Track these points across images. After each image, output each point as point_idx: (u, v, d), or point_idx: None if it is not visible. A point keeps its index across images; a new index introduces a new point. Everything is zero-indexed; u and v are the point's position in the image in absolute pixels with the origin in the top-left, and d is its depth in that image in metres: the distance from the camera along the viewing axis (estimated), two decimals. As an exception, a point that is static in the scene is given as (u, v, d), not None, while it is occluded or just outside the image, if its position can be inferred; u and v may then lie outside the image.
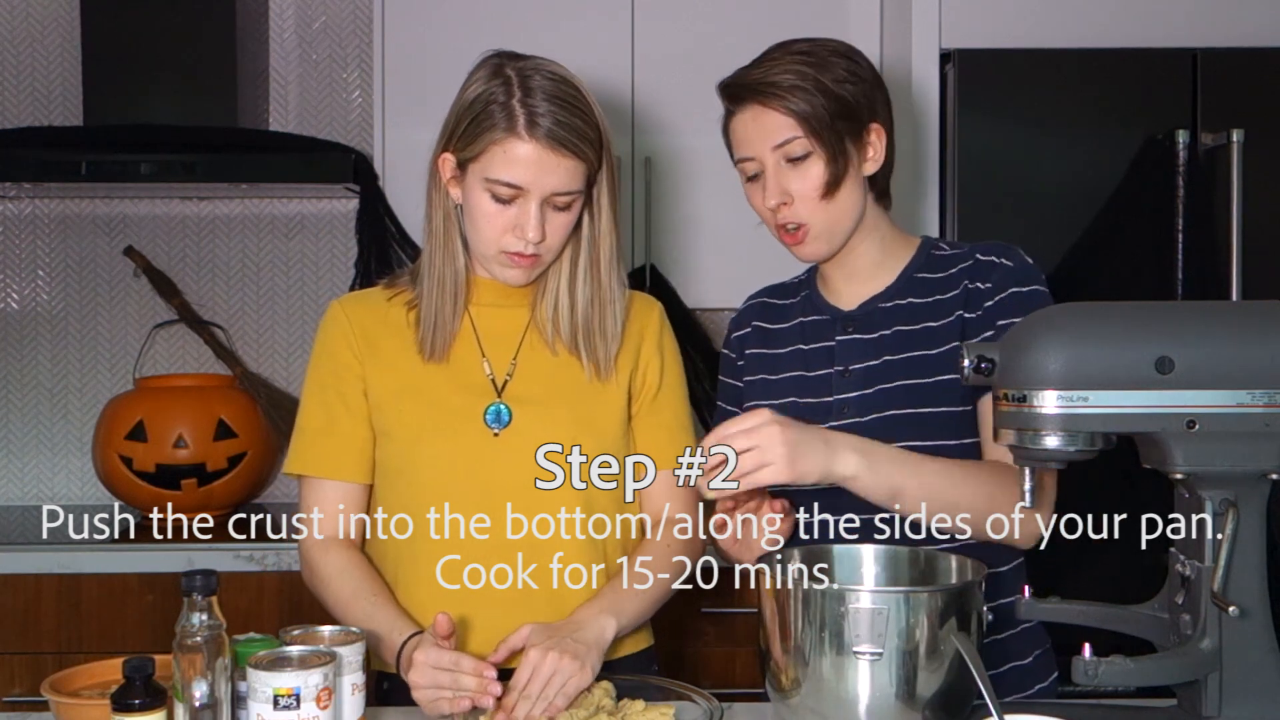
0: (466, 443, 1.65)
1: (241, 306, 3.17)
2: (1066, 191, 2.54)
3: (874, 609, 1.26)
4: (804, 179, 1.59)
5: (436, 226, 1.67)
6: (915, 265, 1.68)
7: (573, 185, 1.59)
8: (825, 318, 1.70)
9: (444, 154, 1.63)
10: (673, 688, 1.52)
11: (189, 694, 1.27)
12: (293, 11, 3.15)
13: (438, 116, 1.66)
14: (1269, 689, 1.29)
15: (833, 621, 1.27)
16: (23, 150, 2.78)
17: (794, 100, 1.57)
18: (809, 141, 1.58)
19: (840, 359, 1.66)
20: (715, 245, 2.83)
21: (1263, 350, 1.27)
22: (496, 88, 1.57)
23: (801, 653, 1.30)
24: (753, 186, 1.65)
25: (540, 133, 1.55)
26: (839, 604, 1.27)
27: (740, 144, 1.64)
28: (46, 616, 2.56)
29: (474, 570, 1.63)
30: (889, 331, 1.64)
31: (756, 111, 1.60)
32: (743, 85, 1.61)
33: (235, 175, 2.77)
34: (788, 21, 2.78)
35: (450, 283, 1.66)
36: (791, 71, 1.58)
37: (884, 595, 1.28)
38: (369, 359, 1.68)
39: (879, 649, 1.26)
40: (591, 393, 1.69)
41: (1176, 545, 1.35)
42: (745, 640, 2.61)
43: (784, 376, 1.71)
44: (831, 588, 1.30)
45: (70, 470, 3.14)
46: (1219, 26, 2.61)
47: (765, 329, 1.77)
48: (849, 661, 1.27)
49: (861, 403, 1.62)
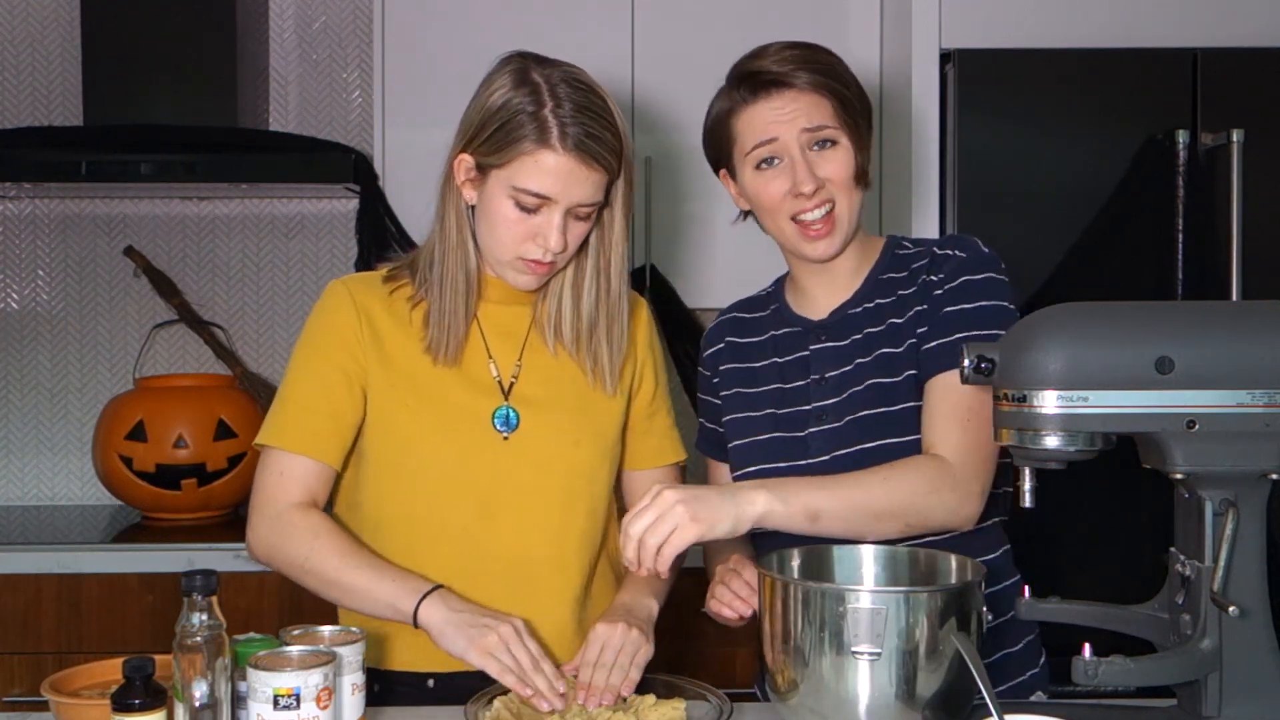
0: (475, 446, 1.64)
1: (241, 306, 3.17)
2: (1066, 191, 2.54)
3: (873, 609, 1.26)
4: (834, 163, 1.59)
5: (449, 227, 1.64)
6: (880, 267, 1.68)
7: (597, 196, 1.59)
8: (797, 329, 1.71)
9: (461, 155, 1.61)
10: (681, 684, 1.52)
11: (189, 694, 1.27)
12: (293, 11, 3.15)
13: (438, 116, 1.66)
14: (1269, 689, 1.29)
15: (832, 621, 1.27)
16: (23, 150, 2.78)
17: (831, 84, 1.58)
18: (840, 130, 1.59)
19: (815, 368, 1.66)
20: (715, 245, 2.83)
21: (1263, 350, 1.27)
22: (525, 96, 1.55)
23: (801, 653, 1.30)
24: (764, 175, 1.62)
25: (571, 145, 1.54)
26: (838, 604, 1.27)
27: (757, 130, 1.60)
28: (46, 616, 2.56)
29: (475, 569, 1.63)
30: (859, 335, 1.65)
31: (788, 96, 1.58)
32: (767, 72, 1.59)
33: (235, 175, 2.77)
34: (788, 21, 2.78)
35: (463, 284, 1.64)
36: (818, 62, 1.59)
37: (884, 595, 1.28)
38: (372, 347, 1.65)
39: (878, 649, 1.26)
40: (593, 396, 1.70)
41: (1176, 545, 1.35)
42: (745, 640, 2.60)
43: (762, 390, 1.71)
44: (831, 587, 1.30)
45: (70, 470, 3.14)
46: (1219, 26, 2.61)
47: (738, 344, 1.77)
48: (848, 662, 1.27)
49: (837, 408, 1.62)
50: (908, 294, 1.63)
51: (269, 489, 1.63)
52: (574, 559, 1.68)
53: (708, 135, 1.70)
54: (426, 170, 1.69)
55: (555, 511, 1.66)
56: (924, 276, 1.62)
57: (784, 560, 1.46)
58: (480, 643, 1.48)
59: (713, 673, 2.58)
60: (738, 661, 2.61)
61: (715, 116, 1.67)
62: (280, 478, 1.62)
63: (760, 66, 1.60)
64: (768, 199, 1.62)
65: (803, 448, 1.64)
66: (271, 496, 1.62)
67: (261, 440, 1.65)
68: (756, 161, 1.62)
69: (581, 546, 1.68)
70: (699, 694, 1.50)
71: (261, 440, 1.65)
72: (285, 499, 1.62)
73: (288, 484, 1.62)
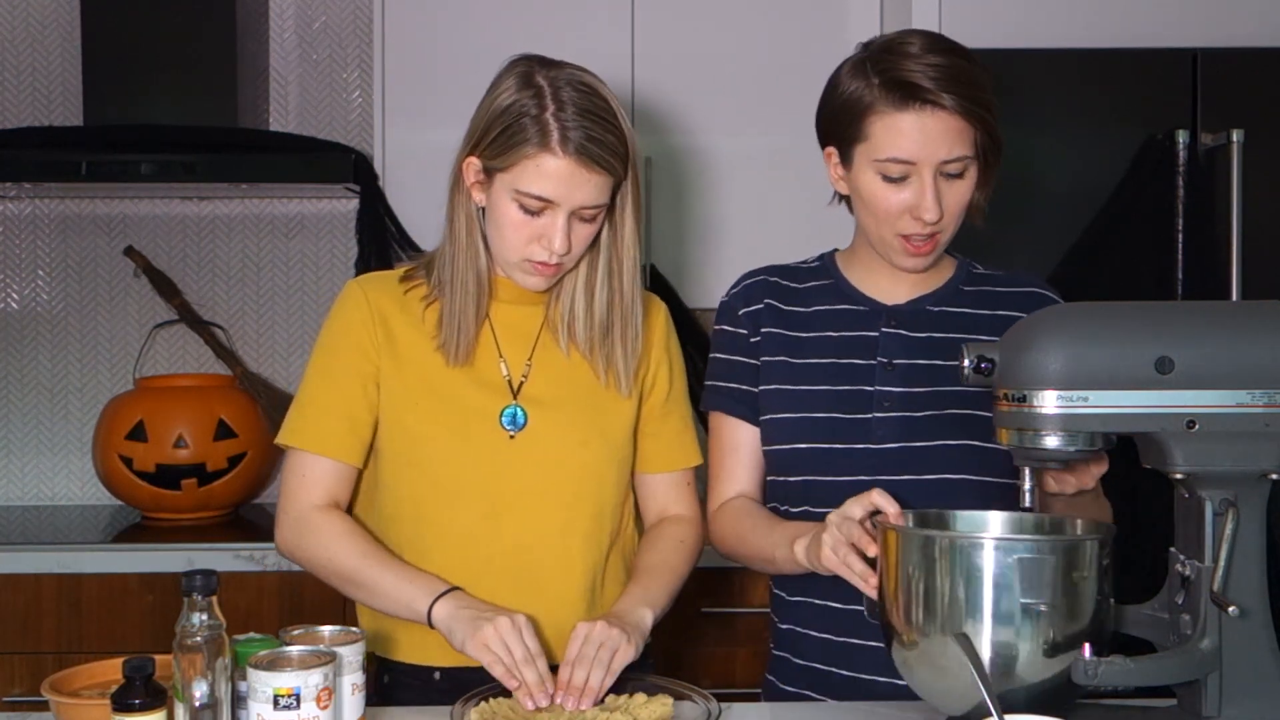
0: (482, 444, 1.65)
1: (241, 306, 3.17)
2: (1066, 191, 2.54)
3: (1039, 558, 1.26)
4: (956, 194, 1.58)
5: (459, 230, 1.65)
6: (960, 278, 1.71)
7: (601, 199, 1.59)
8: (864, 309, 1.69)
9: (469, 158, 1.62)
10: (670, 686, 1.52)
11: (189, 694, 1.27)
12: (293, 11, 3.15)
13: (438, 116, 1.66)
14: (1269, 689, 1.29)
15: (1002, 573, 1.26)
16: (23, 150, 2.78)
17: (978, 112, 1.54)
18: (974, 162, 1.57)
19: (884, 351, 1.65)
20: (715, 245, 2.83)
21: (1263, 350, 1.27)
22: (528, 99, 1.55)
23: (956, 607, 1.28)
24: (889, 187, 1.58)
25: (572, 148, 1.54)
26: (1007, 555, 1.26)
27: (896, 144, 1.55)
28: (46, 616, 2.56)
29: (480, 567, 1.64)
30: (937, 334, 1.65)
31: (936, 119, 1.53)
32: (919, 87, 1.53)
33: (235, 175, 2.77)
34: (788, 22, 2.78)
35: (474, 286, 1.65)
36: (969, 82, 1.54)
37: (1050, 543, 1.29)
38: (386, 347, 1.66)
39: (1041, 600, 1.25)
40: (605, 397, 1.70)
41: (1176, 545, 1.35)
42: (745, 640, 2.61)
43: (811, 362, 1.68)
44: (1003, 539, 1.30)
45: (70, 470, 3.14)
46: (1219, 26, 2.61)
47: (780, 309, 1.73)
48: (1016, 613, 1.26)
49: (906, 399, 1.62)
50: (998, 315, 1.66)
51: (292, 490, 1.67)
52: (579, 559, 1.68)
53: (832, 114, 1.63)
54: (426, 170, 1.70)
55: (560, 511, 1.67)
56: (1012, 312, 1.64)
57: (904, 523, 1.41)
58: (477, 636, 1.50)
59: (713, 673, 2.59)
60: (737, 661, 2.61)
61: (847, 101, 1.59)
62: (302, 480, 1.66)
63: (910, 76, 1.53)
64: (884, 209, 1.59)
65: (865, 431, 1.63)
66: (294, 498, 1.67)
67: (281, 440, 1.69)
68: (884, 171, 1.57)
69: (587, 547, 1.68)
70: (685, 694, 1.50)
71: (281, 440, 1.69)
72: (307, 501, 1.66)
73: (309, 485, 1.66)
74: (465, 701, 1.47)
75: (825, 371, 1.67)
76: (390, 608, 1.61)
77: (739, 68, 2.78)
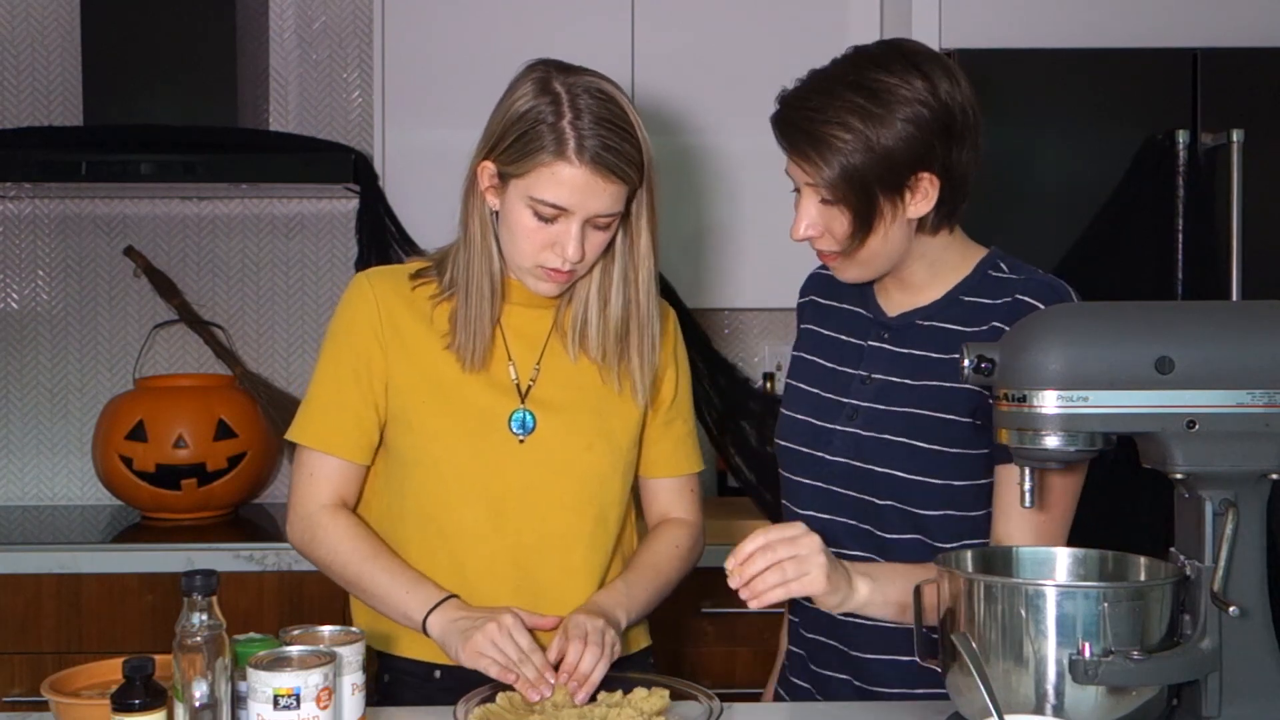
0: (490, 447, 1.65)
1: (241, 306, 3.17)
2: (1066, 191, 2.54)
3: (1132, 605, 1.25)
4: (835, 221, 1.52)
5: (473, 234, 1.65)
6: (964, 287, 1.58)
7: (615, 208, 1.58)
8: (868, 317, 1.65)
9: (484, 162, 1.61)
10: (672, 685, 1.52)
11: (189, 694, 1.27)
12: (293, 11, 3.15)
13: (438, 117, 1.66)
14: (1269, 689, 1.29)
15: (1089, 621, 1.25)
16: (23, 150, 2.78)
17: (830, 163, 1.47)
18: (838, 196, 1.49)
19: (867, 364, 1.62)
20: (716, 245, 2.83)
21: (1263, 350, 1.27)
22: (545, 106, 1.54)
23: (1037, 654, 1.26)
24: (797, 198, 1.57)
25: (588, 157, 1.53)
26: (1096, 604, 1.24)
27: (788, 164, 1.55)
28: (46, 616, 2.56)
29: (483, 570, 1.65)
30: (917, 351, 1.58)
31: (794, 154, 1.52)
32: (785, 124, 1.52)
33: (235, 175, 2.77)
34: (788, 22, 2.78)
35: (487, 289, 1.64)
36: (840, 124, 1.47)
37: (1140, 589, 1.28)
38: (393, 344, 1.66)
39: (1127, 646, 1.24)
40: (610, 401, 1.70)
41: (1176, 545, 1.35)
42: (745, 640, 2.61)
43: (814, 360, 1.68)
44: (1089, 586, 1.29)
45: (70, 470, 3.14)
46: (1219, 26, 2.61)
47: (819, 304, 1.73)
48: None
49: (869, 416, 1.58)
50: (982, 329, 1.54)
51: (300, 489, 1.69)
52: (581, 563, 1.68)
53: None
54: (426, 170, 1.70)
55: (564, 514, 1.67)
56: (998, 323, 1.53)
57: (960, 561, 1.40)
58: (468, 645, 1.52)
59: (713, 673, 2.59)
60: (738, 661, 2.61)
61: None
62: (310, 478, 1.68)
63: (784, 112, 1.53)
64: None
65: (827, 440, 1.61)
66: (303, 496, 1.68)
67: (290, 436, 1.70)
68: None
69: (590, 551, 1.68)
70: (687, 693, 1.51)
71: (290, 436, 1.70)
72: (314, 500, 1.68)
73: (317, 484, 1.68)
74: (466, 702, 1.47)
75: (817, 374, 1.67)
76: (390, 614, 1.63)
77: (739, 68, 2.78)
